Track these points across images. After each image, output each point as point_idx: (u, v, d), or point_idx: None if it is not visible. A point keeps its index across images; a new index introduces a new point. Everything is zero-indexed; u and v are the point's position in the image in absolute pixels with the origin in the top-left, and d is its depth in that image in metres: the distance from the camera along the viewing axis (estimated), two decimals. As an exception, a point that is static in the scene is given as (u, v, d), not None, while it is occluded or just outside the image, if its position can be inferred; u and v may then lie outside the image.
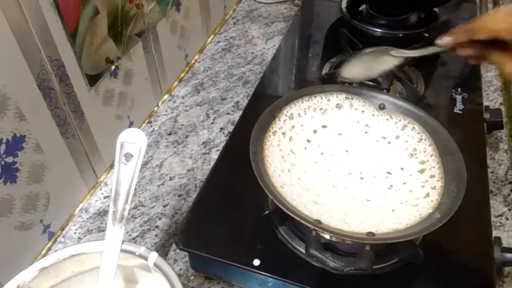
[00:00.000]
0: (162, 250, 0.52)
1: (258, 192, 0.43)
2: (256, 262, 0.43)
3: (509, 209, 0.54)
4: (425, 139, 0.48)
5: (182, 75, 0.76)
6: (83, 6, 0.49)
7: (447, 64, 0.72)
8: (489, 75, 0.74)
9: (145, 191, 0.58)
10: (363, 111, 0.52)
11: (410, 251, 0.43)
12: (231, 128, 0.66)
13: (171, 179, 0.60)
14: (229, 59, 0.80)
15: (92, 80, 0.53)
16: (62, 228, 0.54)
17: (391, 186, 0.46)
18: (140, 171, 0.51)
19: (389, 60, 0.51)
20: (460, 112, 0.61)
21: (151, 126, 0.67)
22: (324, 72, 0.69)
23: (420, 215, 0.41)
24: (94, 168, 0.58)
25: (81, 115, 0.53)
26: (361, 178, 0.48)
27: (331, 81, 0.66)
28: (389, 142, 0.50)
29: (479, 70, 0.70)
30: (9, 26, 0.40)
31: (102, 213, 0.56)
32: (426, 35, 0.76)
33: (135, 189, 0.58)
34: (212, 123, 0.67)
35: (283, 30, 0.86)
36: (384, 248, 0.43)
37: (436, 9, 0.81)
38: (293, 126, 0.50)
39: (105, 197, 0.58)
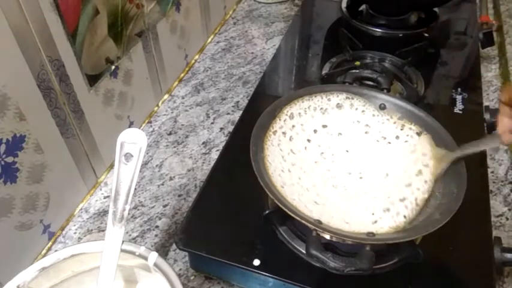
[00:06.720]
0: (162, 250, 0.52)
1: (258, 192, 0.43)
2: (256, 262, 0.43)
3: (509, 209, 0.54)
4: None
5: (182, 75, 0.76)
6: (83, 6, 0.49)
7: (447, 64, 0.72)
8: (489, 75, 0.74)
9: (145, 191, 0.58)
10: (363, 111, 0.51)
11: (410, 251, 0.43)
12: (231, 128, 0.65)
13: (171, 179, 0.59)
14: (229, 59, 0.80)
15: (92, 80, 0.53)
16: (62, 228, 0.54)
17: (391, 186, 0.46)
18: (140, 171, 0.51)
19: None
20: (460, 112, 0.61)
21: (151, 126, 0.67)
22: (324, 72, 0.69)
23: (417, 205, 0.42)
24: (94, 168, 0.58)
25: (81, 115, 0.53)
26: (361, 178, 0.48)
27: (331, 81, 0.66)
28: (389, 142, 0.50)
29: (479, 70, 0.70)
30: (9, 26, 0.40)
31: (102, 213, 0.56)
32: (426, 35, 0.76)
33: (135, 189, 0.58)
34: (212, 123, 0.67)
35: (283, 30, 0.86)
36: (384, 248, 0.43)
37: (436, 9, 0.81)
38: (293, 126, 0.50)
39: (105, 197, 0.58)
